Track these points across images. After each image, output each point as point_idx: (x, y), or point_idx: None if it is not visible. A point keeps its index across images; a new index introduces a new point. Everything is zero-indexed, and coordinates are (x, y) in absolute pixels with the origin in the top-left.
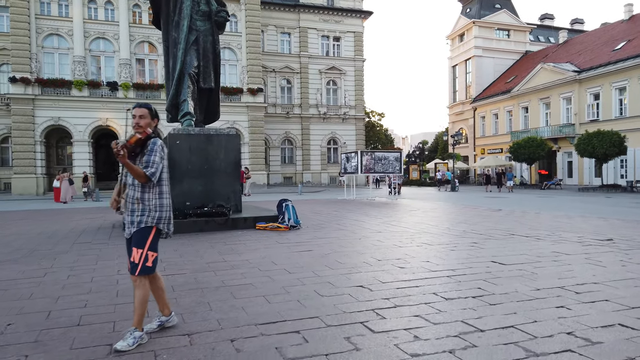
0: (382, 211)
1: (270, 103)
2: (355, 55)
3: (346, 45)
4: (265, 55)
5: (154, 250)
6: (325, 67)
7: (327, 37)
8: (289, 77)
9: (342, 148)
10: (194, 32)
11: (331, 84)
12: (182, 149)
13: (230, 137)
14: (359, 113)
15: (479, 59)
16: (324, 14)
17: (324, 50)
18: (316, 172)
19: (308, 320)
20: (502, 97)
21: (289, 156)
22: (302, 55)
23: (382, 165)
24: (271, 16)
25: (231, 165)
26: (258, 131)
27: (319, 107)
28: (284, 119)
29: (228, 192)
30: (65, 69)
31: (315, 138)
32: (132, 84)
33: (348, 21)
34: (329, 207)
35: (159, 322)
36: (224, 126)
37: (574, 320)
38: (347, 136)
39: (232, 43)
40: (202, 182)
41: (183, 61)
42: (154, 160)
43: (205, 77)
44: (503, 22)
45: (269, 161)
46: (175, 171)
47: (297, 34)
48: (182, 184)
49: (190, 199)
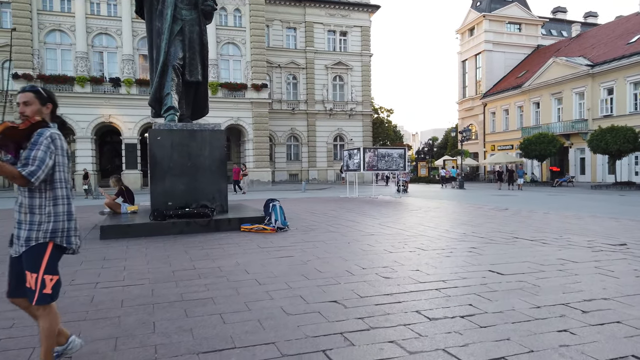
0: (382, 211)
1: (275, 99)
2: (362, 50)
3: (353, 40)
4: (271, 50)
5: (52, 273)
6: (332, 63)
7: (334, 31)
8: (295, 73)
9: (348, 145)
10: (178, 22)
11: (337, 80)
12: (164, 145)
13: (215, 133)
14: (366, 109)
15: (489, 54)
16: (331, 8)
17: (330, 45)
18: (322, 169)
19: (261, 348)
20: (512, 92)
21: (294, 153)
22: (308, 50)
23: (386, 162)
24: (277, 11)
25: (216, 163)
26: (262, 127)
27: (325, 103)
28: (290, 115)
29: (213, 191)
30: (67, 65)
31: (321, 134)
32: (135, 79)
33: (355, 15)
34: (327, 206)
35: (55, 354)
36: (228, 122)
37: (578, 349)
38: (354, 132)
39: (236, 38)
40: (185, 181)
41: (167, 52)
42: (36, 156)
43: (191, 70)
44: (514, 15)
45: (274, 158)
46: (157, 169)
47: (302, 28)
48: (163, 183)
49: (172, 199)
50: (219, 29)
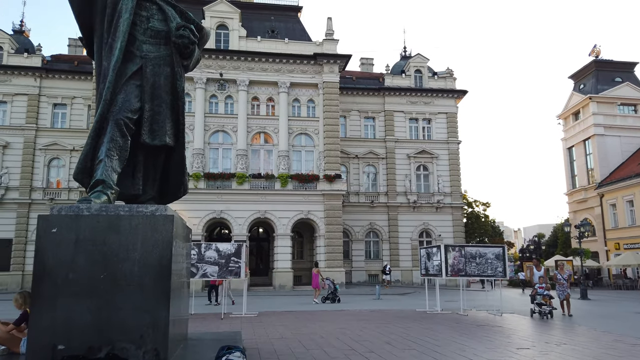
0: (467, 351)
1: (352, 191)
2: (448, 137)
3: (438, 127)
4: (347, 141)
5: None
6: (414, 151)
7: (416, 119)
8: (374, 163)
9: (436, 241)
10: (136, 60)
11: (421, 169)
12: (63, 242)
13: (153, 221)
14: (455, 201)
15: (601, 138)
16: (412, 96)
17: (412, 133)
18: (406, 269)
19: None
20: (636, 180)
21: (374, 250)
22: (387, 139)
23: (477, 265)
24: (354, 101)
25: (152, 272)
26: (336, 222)
27: (407, 195)
28: (368, 209)
29: (142, 324)
30: None
31: (404, 230)
32: (248, 174)
33: (439, 102)
34: (381, 331)
35: None
36: (297, 217)
37: None
38: (443, 228)
39: (309, 128)
40: (94, 304)
41: (108, 101)
42: None
43: (154, 128)
44: (627, 95)
45: (350, 256)
46: (43, 284)
47: (382, 117)
48: (53, 309)
49: (66, 338)
50: (291, 120)
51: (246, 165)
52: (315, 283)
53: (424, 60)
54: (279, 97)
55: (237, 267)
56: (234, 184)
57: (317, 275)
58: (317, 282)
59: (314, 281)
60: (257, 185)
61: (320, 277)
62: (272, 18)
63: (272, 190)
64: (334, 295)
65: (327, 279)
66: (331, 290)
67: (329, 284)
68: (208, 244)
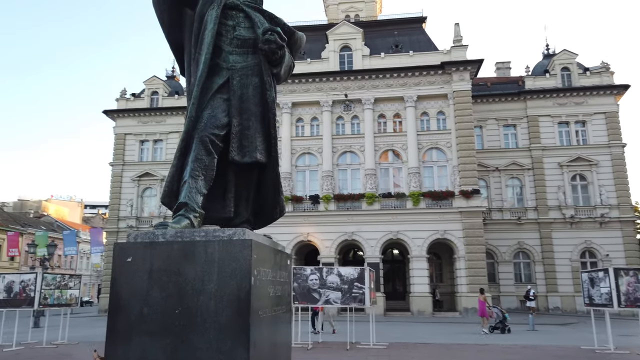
0: None
1: (495, 208)
2: (609, 141)
3: (595, 129)
4: (485, 152)
5: None
6: (567, 159)
7: (566, 123)
8: (518, 175)
9: (603, 263)
10: (222, 72)
11: (578, 179)
12: (137, 273)
13: (229, 247)
14: (624, 214)
15: None
16: (559, 97)
17: (562, 139)
18: (567, 294)
19: None
20: None
21: (525, 273)
22: (533, 147)
23: None
24: (490, 109)
25: (229, 306)
26: (476, 242)
27: (562, 209)
28: (515, 226)
29: None
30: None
31: (560, 249)
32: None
33: (594, 101)
34: None
35: None
36: (433, 237)
37: None
38: (610, 246)
39: (440, 142)
40: (169, 344)
41: (193, 118)
42: None
43: (243, 145)
44: None
45: (497, 279)
46: (119, 320)
47: (524, 124)
48: (127, 349)
49: None
50: (420, 135)
51: (375, 185)
52: (482, 311)
53: (571, 56)
54: (406, 112)
55: (360, 293)
56: (364, 205)
57: (483, 303)
58: (483, 310)
59: (480, 309)
60: (387, 205)
61: (487, 304)
62: (396, 32)
63: (403, 210)
64: (503, 325)
65: (495, 307)
66: (499, 319)
67: (497, 313)
68: (330, 268)
